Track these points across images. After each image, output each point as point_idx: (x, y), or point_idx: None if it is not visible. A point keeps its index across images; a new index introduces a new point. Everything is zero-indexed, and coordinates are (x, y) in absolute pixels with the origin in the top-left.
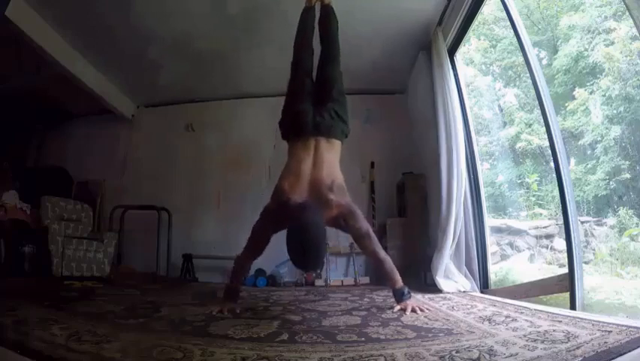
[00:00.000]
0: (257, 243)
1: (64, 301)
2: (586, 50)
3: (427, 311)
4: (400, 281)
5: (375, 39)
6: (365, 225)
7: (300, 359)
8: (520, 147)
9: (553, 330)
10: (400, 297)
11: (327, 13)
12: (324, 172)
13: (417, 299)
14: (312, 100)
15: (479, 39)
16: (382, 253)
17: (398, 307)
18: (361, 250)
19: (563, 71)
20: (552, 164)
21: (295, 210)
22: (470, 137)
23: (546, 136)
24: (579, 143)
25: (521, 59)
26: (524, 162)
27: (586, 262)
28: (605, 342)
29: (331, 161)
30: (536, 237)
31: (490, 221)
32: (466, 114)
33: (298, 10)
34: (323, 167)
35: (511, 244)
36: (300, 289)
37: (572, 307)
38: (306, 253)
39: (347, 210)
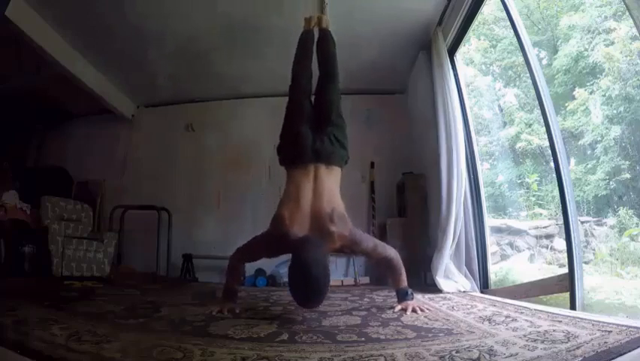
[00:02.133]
0: (252, 255)
1: (64, 301)
2: (586, 50)
3: (427, 311)
4: (405, 281)
5: (375, 39)
6: (369, 243)
7: (300, 359)
8: (520, 147)
9: (553, 330)
10: (402, 297)
11: (325, 36)
12: (325, 201)
13: (417, 299)
14: (311, 125)
15: (479, 39)
16: (391, 252)
17: (399, 307)
18: (373, 262)
19: (563, 71)
20: (552, 164)
21: (296, 244)
22: (470, 137)
23: (546, 136)
24: (579, 143)
25: (521, 59)
26: (524, 162)
27: (586, 262)
28: (605, 342)
29: (331, 189)
30: (536, 237)
31: (490, 221)
32: (466, 114)
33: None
34: (323, 195)
35: (511, 244)
36: None
37: (572, 307)
38: (307, 292)
39: (349, 240)
